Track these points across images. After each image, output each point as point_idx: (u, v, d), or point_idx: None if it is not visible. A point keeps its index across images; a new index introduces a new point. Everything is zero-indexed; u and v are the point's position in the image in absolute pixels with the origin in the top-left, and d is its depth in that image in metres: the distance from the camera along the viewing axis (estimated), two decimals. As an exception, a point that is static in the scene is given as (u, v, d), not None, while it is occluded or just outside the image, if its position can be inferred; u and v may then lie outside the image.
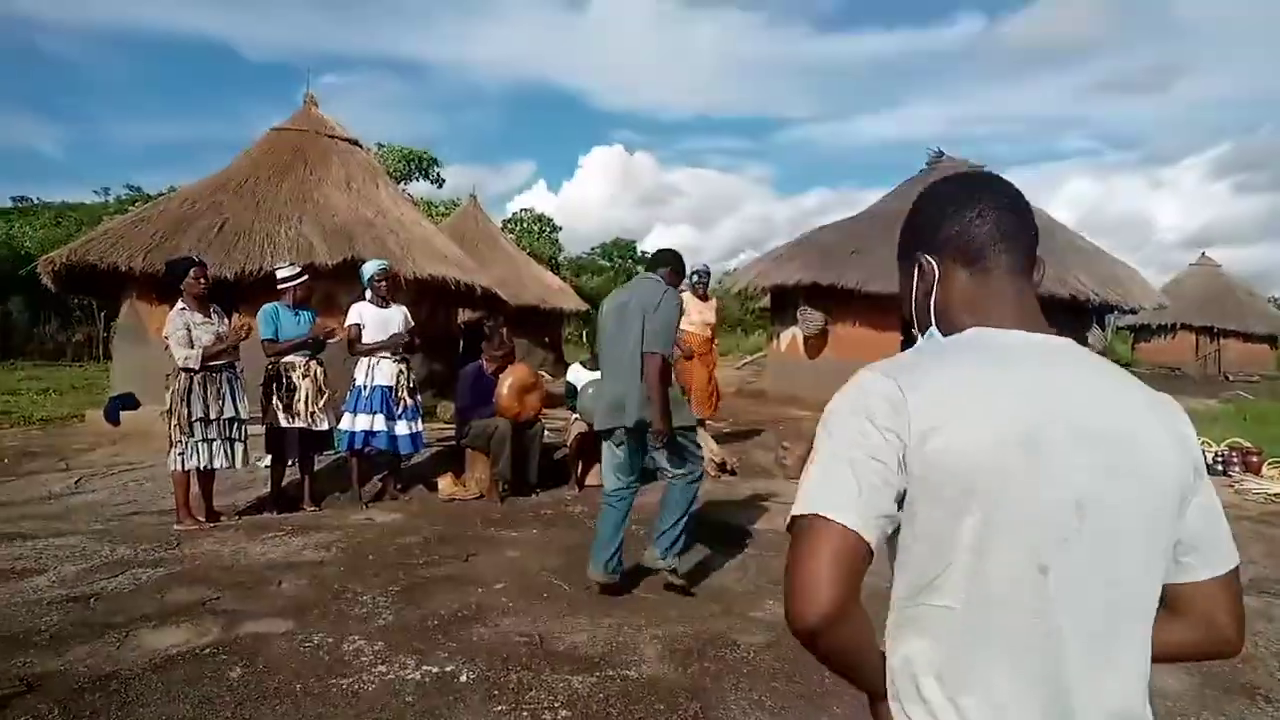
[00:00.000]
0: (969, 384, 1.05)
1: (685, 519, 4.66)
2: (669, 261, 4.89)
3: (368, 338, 6.76)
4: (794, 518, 1.06)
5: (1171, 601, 1.13)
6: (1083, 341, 13.05)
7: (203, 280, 6.00)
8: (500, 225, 29.20)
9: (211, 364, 5.88)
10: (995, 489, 1.01)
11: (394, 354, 6.85)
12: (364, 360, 6.81)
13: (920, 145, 29.80)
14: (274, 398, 6.38)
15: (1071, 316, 13.31)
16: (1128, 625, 1.06)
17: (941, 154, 15.53)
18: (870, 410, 1.05)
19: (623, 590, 4.68)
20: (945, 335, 1.20)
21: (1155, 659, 1.12)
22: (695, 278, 9.02)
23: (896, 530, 1.08)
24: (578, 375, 7.79)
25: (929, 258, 1.23)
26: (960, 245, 1.19)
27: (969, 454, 1.01)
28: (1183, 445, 1.11)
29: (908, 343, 1.32)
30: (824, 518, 1.02)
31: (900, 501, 1.05)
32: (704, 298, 9.32)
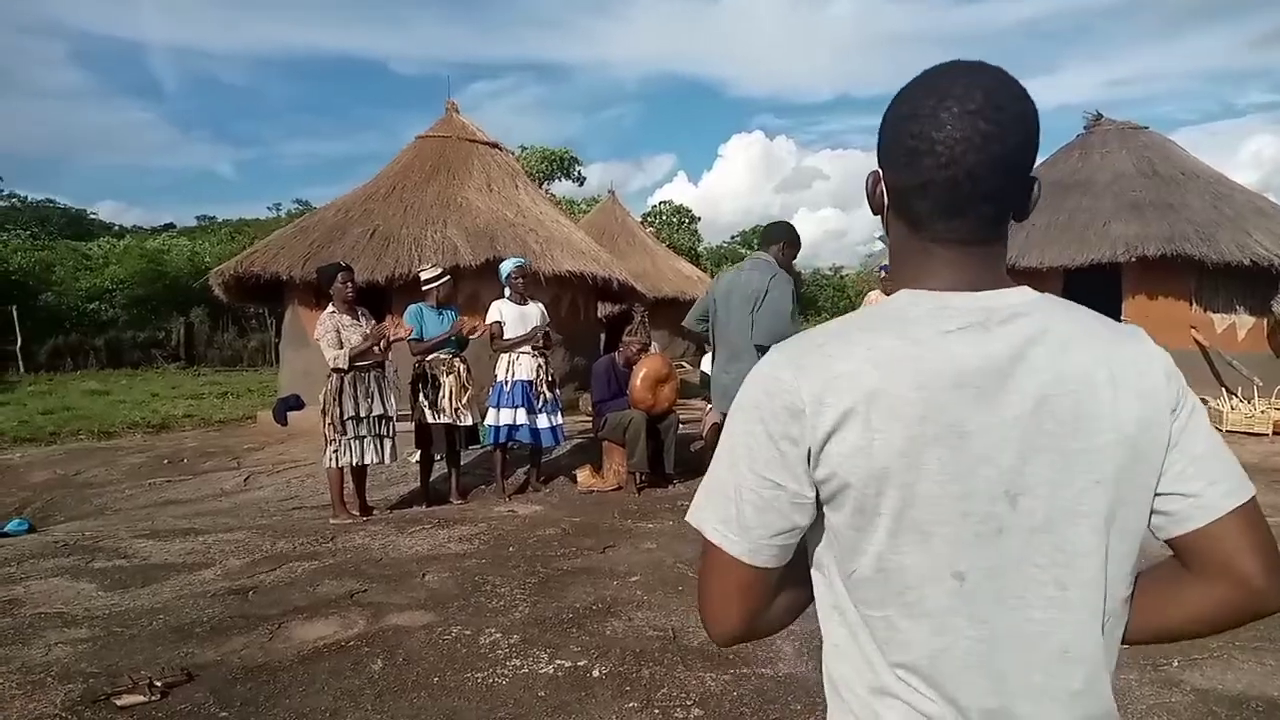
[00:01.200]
0: (883, 371, 0.91)
1: None
2: (780, 235, 4.63)
3: (507, 334, 6.88)
4: (690, 523, 1.03)
5: (1183, 558, 0.98)
6: (1266, 310, 11.97)
7: (349, 285, 6.25)
8: (640, 219, 29.38)
9: (360, 364, 6.12)
10: (906, 489, 0.90)
11: (533, 349, 6.94)
12: (505, 357, 6.95)
13: (1077, 110, 28.06)
14: (420, 395, 6.60)
15: (1252, 283, 12.18)
16: (1078, 616, 0.93)
17: (1100, 116, 14.55)
18: (766, 416, 0.95)
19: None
20: (890, 272, 1.05)
21: (1181, 630, 1.00)
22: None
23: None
24: (709, 363, 7.71)
25: (881, 184, 1.03)
26: (906, 203, 0.99)
27: (876, 454, 0.90)
28: (1151, 392, 0.94)
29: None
30: (716, 548, 0.99)
31: (816, 500, 0.96)
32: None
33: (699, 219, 42.37)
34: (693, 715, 3.16)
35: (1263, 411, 9.92)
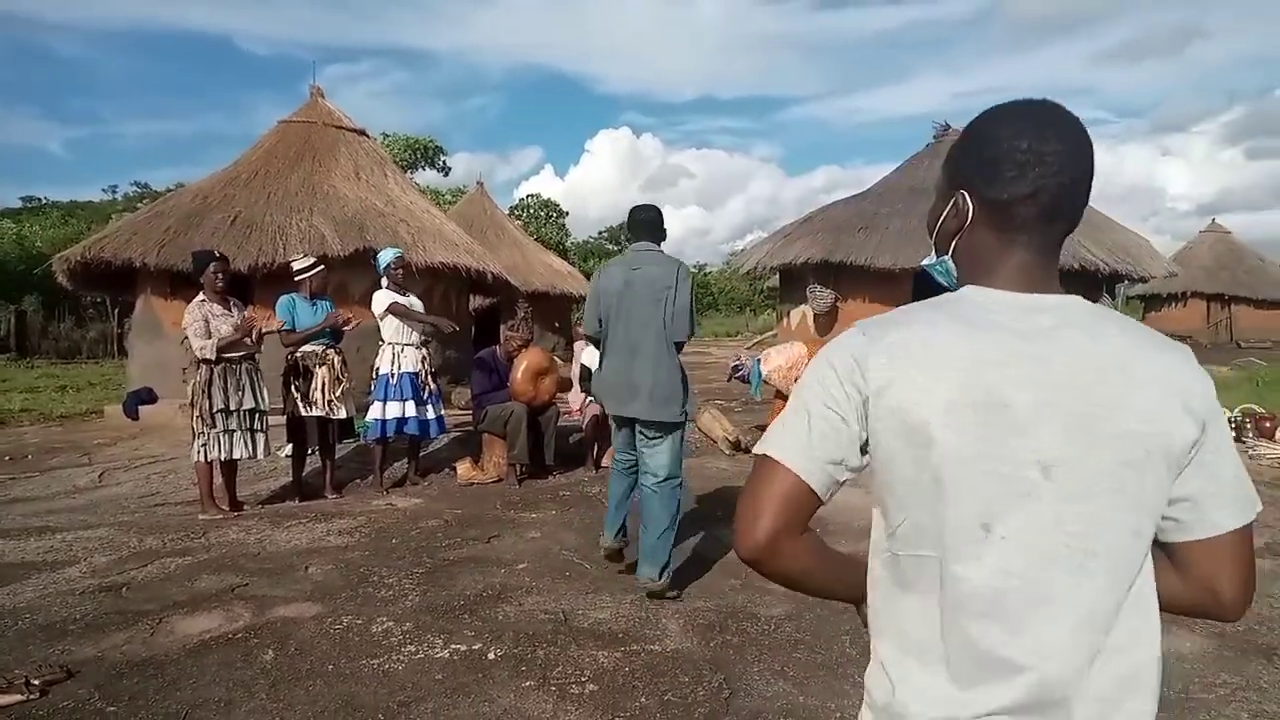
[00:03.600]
0: (934, 345, 1.07)
1: (672, 529, 4.36)
2: (660, 227, 4.50)
3: (391, 325, 6.80)
4: (756, 455, 1.16)
5: (1173, 559, 1.12)
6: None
7: (221, 275, 6.06)
8: (507, 212, 29.22)
9: (230, 356, 5.95)
10: (948, 446, 1.04)
11: (419, 342, 6.91)
12: (389, 349, 6.86)
13: (927, 119, 29.63)
14: (292, 387, 6.45)
15: (1081, 287, 13.26)
16: (1101, 584, 1.05)
17: (948, 127, 15.46)
18: (835, 364, 1.11)
19: (626, 558, 4.64)
20: (956, 270, 1.22)
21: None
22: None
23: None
24: (591, 357, 7.83)
25: (969, 200, 1.17)
26: (999, 214, 1.14)
27: (921, 410, 1.04)
28: (1183, 401, 1.06)
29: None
30: (774, 460, 1.12)
31: (864, 449, 1.11)
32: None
33: (567, 213, 42.41)
34: (588, 690, 3.30)
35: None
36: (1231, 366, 18.34)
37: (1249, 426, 9.46)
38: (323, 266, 6.82)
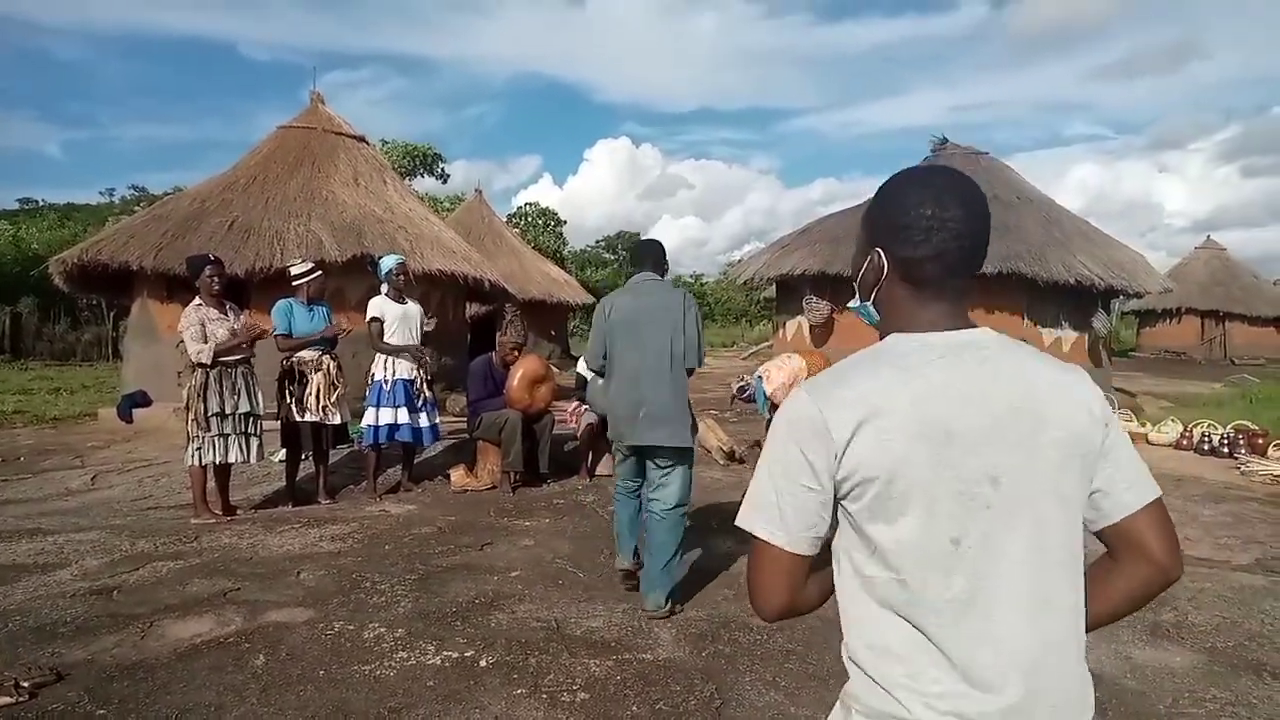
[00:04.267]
0: (884, 394, 1.21)
1: (678, 556, 4.38)
2: (664, 259, 4.61)
3: (388, 332, 6.81)
4: (741, 525, 1.31)
5: (1109, 546, 1.30)
6: (1088, 326, 13.13)
7: (216, 279, 6.06)
8: (505, 220, 29.26)
9: (225, 360, 5.95)
10: (910, 478, 1.18)
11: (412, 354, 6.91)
12: (381, 355, 6.87)
13: (924, 132, 29.72)
14: (287, 392, 6.45)
15: (1077, 302, 13.31)
16: (1055, 571, 1.22)
17: (945, 141, 15.51)
18: (800, 439, 1.23)
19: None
20: (877, 316, 1.37)
21: (1114, 610, 1.31)
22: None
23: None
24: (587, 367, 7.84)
25: (884, 259, 1.33)
26: (911, 271, 1.30)
27: (885, 453, 1.18)
28: (1088, 409, 1.25)
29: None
30: (764, 542, 1.28)
31: (837, 499, 1.24)
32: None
33: (564, 222, 42.46)
34: (579, 699, 3.30)
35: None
36: (1225, 383, 18.41)
37: (1242, 443, 9.50)
38: (320, 272, 6.82)
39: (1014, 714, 1.17)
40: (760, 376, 8.29)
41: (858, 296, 1.42)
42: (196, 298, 6.02)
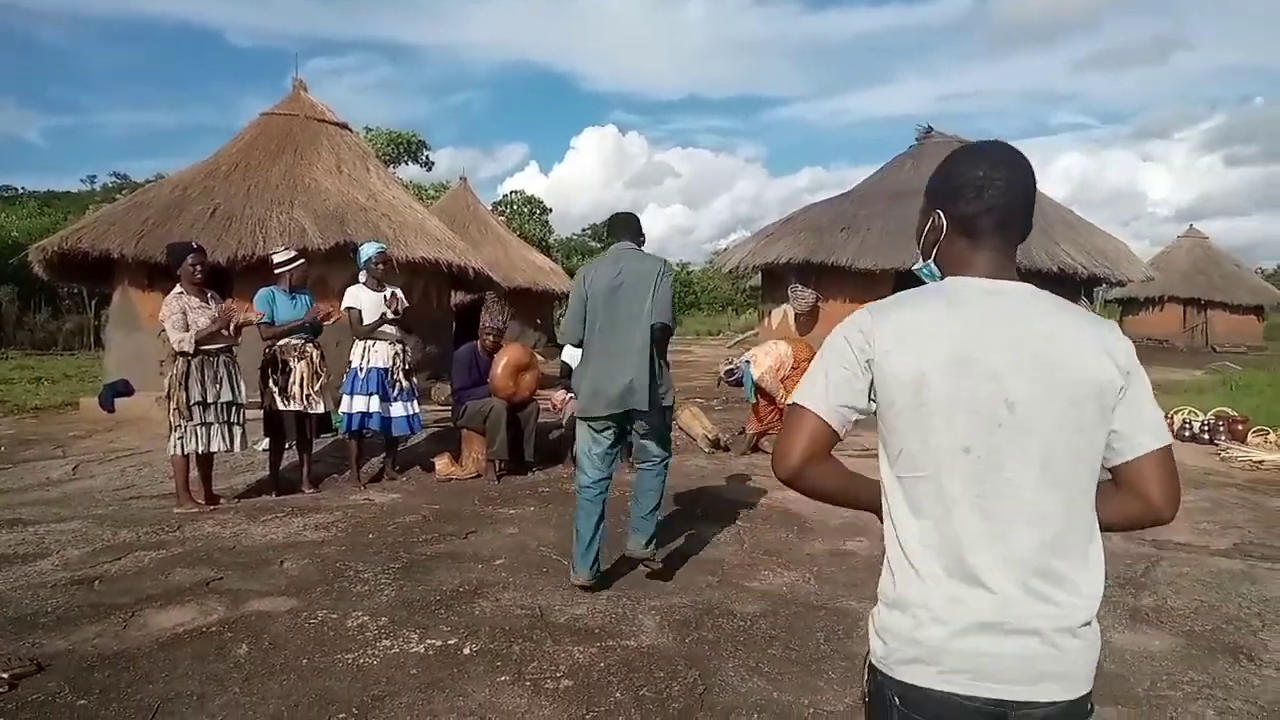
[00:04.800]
0: (924, 320, 1.44)
1: (661, 505, 4.55)
2: (640, 229, 4.63)
3: (365, 321, 6.76)
4: (788, 404, 1.53)
5: (1116, 480, 1.47)
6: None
7: (199, 267, 6.01)
8: (491, 208, 29.14)
9: (208, 348, 5.91)
10: (935, 392, 1.39)
11: (394, 332, 6.86)
12: (361, 343, 6.82)
13: (910, 121, 29.78)
14: (270, 381, 6.41)
15: (1060, 290, 13.30)
16: (1055, 492, 1.39)
17: (930, 130, 15.56)
18: (849, 334, 1.48)
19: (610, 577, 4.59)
20: (939, 270, 1.57)
21: (1108, 526, 1.46)
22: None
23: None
24: (572, 354, 7.82)
25: (943, 217, 1.55)
26: (965, 225, 1.52)
27: (916, 368, 1.40)
28: (1112, 358, 1.42)
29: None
30: (802, 406, 1.48)
31: (871, 398, 1.46)
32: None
33: (550, 210, 42.31)
34: (563, 686, 3.31)
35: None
36: (1206, 370, 18.56)
37: (1222, 429, 9.59)
38: (303, 260, 6.77)
39: (1004, 609, 1.35)
40: (748, 361, 8.32)
41: (920, 258, 1.63)
42: (178, 286, 5.96)
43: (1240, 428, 9.57)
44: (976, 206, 1.50)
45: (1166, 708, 3.24)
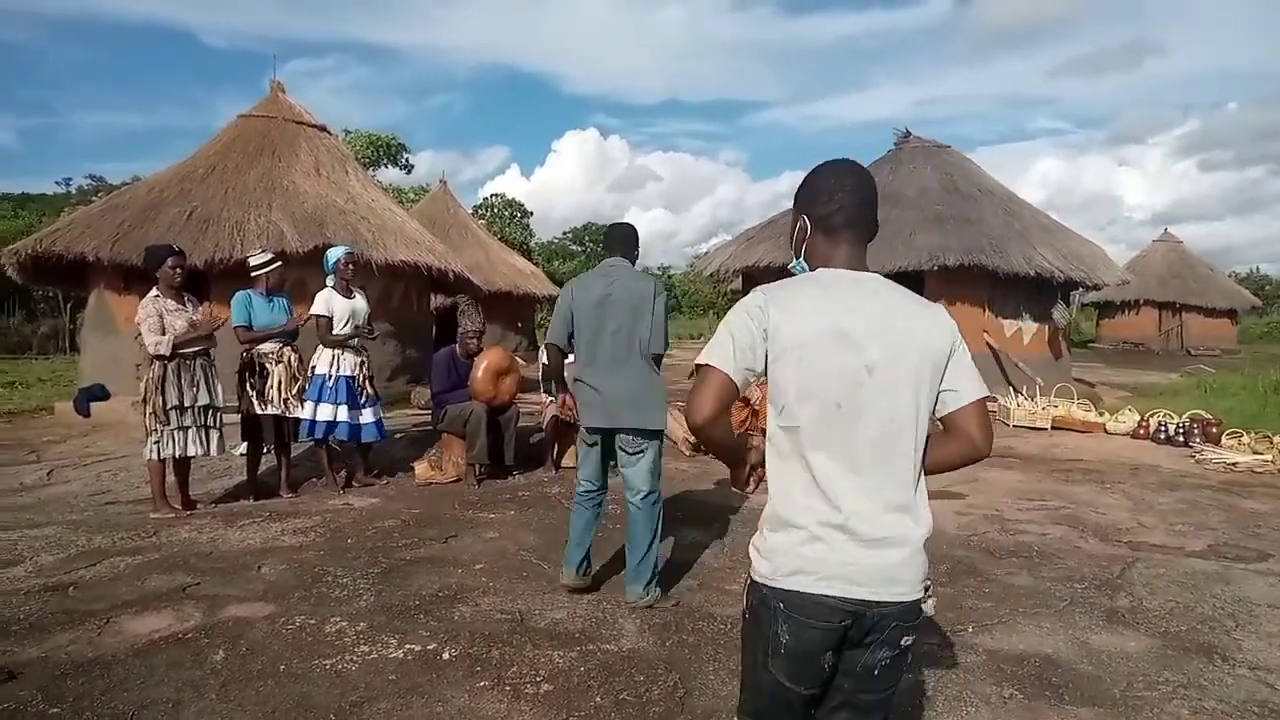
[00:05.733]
0: (804, 300, 1.78)
1: (657, 546, 4.35)
2: (635, 245, 4.61)
3: (336, 327, 6.69)
4: (697, 364, 1.81)
5: (946, 427, 1.86)
6: (1048, 318, 13.31)
7: (178, 270, 5.95)
8: (471, 211, 29.05)
9: (185, 352, 5.85)
10: (812, 357, 1.74)
11: (358, 344, 6.81)
12: (328, 350, 6.73)
13: (888, 126, 29.94)
14: (248, 385, 6.36)
15: (1036, 293, 13.49)
16: (900, 442, 1.76)
17: (909, 134, 15.64)
18: (749, 310, 1.79)
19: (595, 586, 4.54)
20: (809, 264, 1.92)
21: (941, 466, 1.87)
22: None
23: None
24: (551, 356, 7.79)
25: (807, 220, 1.92)
26: (823, 224, 1.89)
27: (797, 338, 1.74)
28: (944, 331, 1.82)
29: None
30: (711, 366, 1.77)
31: (765, 363, 1.77)
32: None
33: (531, 213, 42.20)
34: (543, 690, 3.30)
35: (1044, 408, 11.02)
36: (1181, 373, 18.77)
37: (1196, 432, 9.69)
38: (280, 262, 6.72)
39: (869, 530, 1.72)
40: None
41: (793, 257, 1.98)
42: (154, 289, 5.90)
43: (1215, 430, 9.67)
44: (830, 208, 1.87)
45: (1143, 708, 3.27)
